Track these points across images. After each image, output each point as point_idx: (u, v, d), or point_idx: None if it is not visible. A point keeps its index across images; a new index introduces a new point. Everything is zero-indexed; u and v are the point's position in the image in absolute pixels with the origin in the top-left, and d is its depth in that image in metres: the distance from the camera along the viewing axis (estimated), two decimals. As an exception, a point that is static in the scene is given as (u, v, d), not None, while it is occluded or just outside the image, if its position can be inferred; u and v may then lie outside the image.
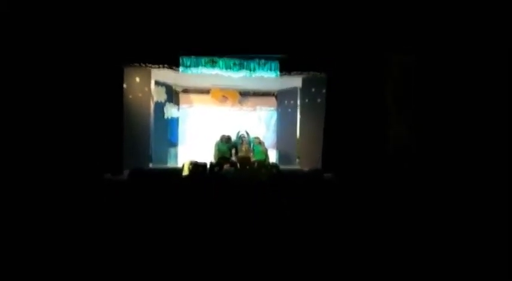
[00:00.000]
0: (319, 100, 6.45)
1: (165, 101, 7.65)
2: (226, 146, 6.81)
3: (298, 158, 7.30)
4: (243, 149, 6.84)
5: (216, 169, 5.84)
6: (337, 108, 5.81)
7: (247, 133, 7.22)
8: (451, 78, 3.85)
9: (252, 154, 6.78)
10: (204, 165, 5.50)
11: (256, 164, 6.17)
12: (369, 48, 5.35)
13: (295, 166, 7.16)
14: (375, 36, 4.79)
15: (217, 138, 6.92)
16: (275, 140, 8.32)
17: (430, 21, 3.92)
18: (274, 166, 5.78)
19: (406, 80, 4.95)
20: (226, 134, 7.00)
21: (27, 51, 4.38)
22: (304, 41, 5.30)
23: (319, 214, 3.43)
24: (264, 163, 6.34)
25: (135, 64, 5.67)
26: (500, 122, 3.23)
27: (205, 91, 8.23)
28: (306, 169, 6.26)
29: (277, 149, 8.17)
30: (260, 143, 6.99)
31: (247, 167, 6.08)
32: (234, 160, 6.65)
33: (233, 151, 6.88)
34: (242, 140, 7.02)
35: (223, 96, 8.24)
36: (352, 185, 4.42)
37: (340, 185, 4.56)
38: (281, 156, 7.98)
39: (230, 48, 5.52)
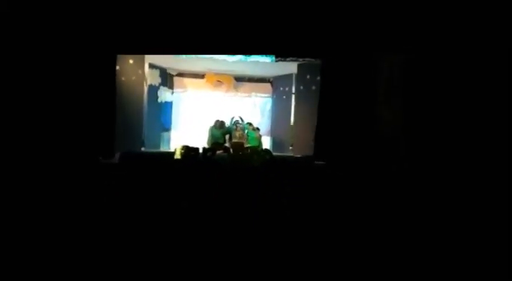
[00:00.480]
0: (313, 87, 6.42)
1: (159, 85, 7.54)
2: (220, 131, 6.79)
3: (292, 145, 7.33)
4: (237, 135, 6.83)
5: (208, 154, 5.85)
6: (331, 96, 5.80)
7: (242, 119, 7.20)
8: (444, 68, 3.85)
9: (245, 140, 6.78)
10: (197, 149, 5.50)
11: (249, 150, 6.18)
12: (364, 37, 5.29)
13: (289, 153, 7.20)
14: (370, 26, 4.74)
15: (211, 124, 6.89)
16: (269, 126, 8.31)
17: (423, 16, 3.88)
18: (267, 152, 5.79)
19: (397, 71, 4.95)
20: (220, 119, 6.97)
21: (19, 37, 4.26)
22: (300, 26, 5.20)
23: (309, 201, 3.48)
24: (257, 149, 6.36)
25: (128, 46, 5.53)
26: (492, 115, 3.26)
27: (199, 75, 8.12)
28: (298, 155, 6.29)
29: (271, 136, 8.18)
30: (254, 129, 6.98)
31: (240, 153, 6.09)
32: (228, 145, 6.66)
33: (227, 137, 6.87)
34: (236, 126, 7.00)
35: (218, 81, 8.14)
36: (342, 173, 4.47)
37: (331, 173, 4.62)
38: (275, 143, 8.00)
39: (226, 42, 5.42)
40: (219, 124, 6.84)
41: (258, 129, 7.14)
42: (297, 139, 6.99)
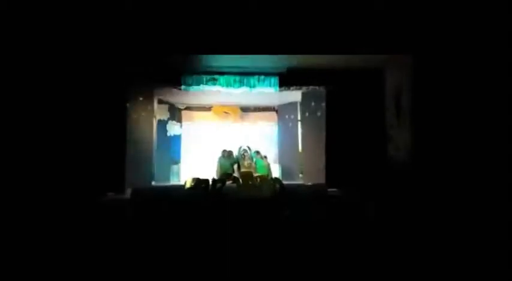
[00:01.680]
0: (319, 114, 6.48)
1: (168, 119, 7.74)
2: (228, 161, 6.81)
3: (301, 172, 7.26)
4: (245, 164, 6.82)
5: (218, 185, 5.82)
6: (338, 122, 5.84)
7: (249, 148, 7.23)
8: (450, 89, 3.86)
9: (254, 169, 6.76)
10: (207, 181, 5.49)
11: (258, 179, 6.14)
12: (366, 61, 5.42)
13: (299, 181, 7.11)
14: (372, 49, 4.85)
15: (219, 154, 6.93)
16: (277, 154, 8.32)
17: (428, 30, 3.94)
18: (277, 181, 5.74)
19: (404, 92, 4.98)
20: (228, 149, 7.02)
21: (34, 68, 4.42)
22: (302, 56, 5.39)
23: (325, 231, 3.38)
24: (267, 178, 6.31)
25: (139, 84, 5.79)
26: (505, 142, 3.22)
27: (207, 108, 8.33)
28: (309, 183, 6.21)
29: (279, 163, 8.15)
30: (262, 157, 6.98)
31: (250, 182, 6.05)
32: (237, 175, 6.63)
33: (235, 167, 6.86)
34: (244, 155, 7.02)
35: (225, 112, 8.32)
36: (356, 200, 4.37)
37: (345, 200, 4.52)
38: (284, 170, 7.95)
39: (230, 66, 5.63)
40: (227, 154, 6.87)
41: (265, 157, 7.14)
42: (307, 166, 6.95)
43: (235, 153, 7.10)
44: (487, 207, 3.15)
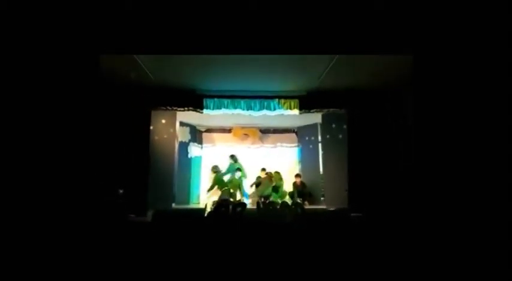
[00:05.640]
0: (340, 136, 6.38)
1: (189, 141, 7.89)
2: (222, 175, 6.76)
3: (323, 196, 7.07)
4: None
5: (238, 209, 5.75)
6: (360, 145, 5.71)
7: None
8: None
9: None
10: (227, 205, 5.44)
11: (279, 205, 6.03)
12: (386, 83, 5.35)
13: (321, 205, 6.91)
14: (388, 69, 4.77)
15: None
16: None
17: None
18: (298, 205, 5.61)
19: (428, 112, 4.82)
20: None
21: (54, 93, 4.51)
22: (323, 78, 5.41)
23: (347, 256, 3.25)
24: (287, 202, 6.19)
25: (162, 108, 6.01)
26: None
27: (227, 130, 8.45)
28: (331, 208, 6.01)
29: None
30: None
31: (271, 207, 5.94)
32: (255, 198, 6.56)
33: (253, 188, 6.81)
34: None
35: (245, 134, 8.39)
36: (381, 226, 4.16)
37: (369, 226, 4.31)
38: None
39: (251, 90, 5.73)
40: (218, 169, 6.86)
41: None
42: (328, 190, 6.75)
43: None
44: (494, 212, 2.93)
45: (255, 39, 3.88)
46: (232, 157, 7.30)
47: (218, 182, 6.78)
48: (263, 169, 7.49)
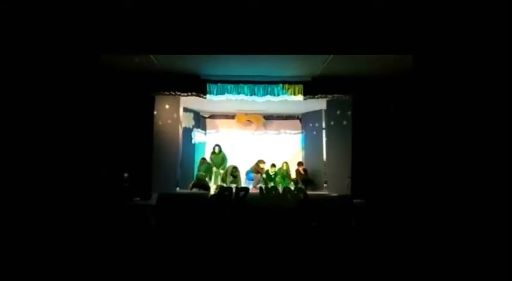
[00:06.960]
0: (345, 122, 6.33)
1: (193, 127, 7.90)
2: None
3: (326, 182, 7.09)
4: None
5: (241, 193, 5.80)
6: (364, 131, 5.67)
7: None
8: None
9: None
10: (230, 189, 5.49)
11: (282, 189, 6.06)
12: (391, 69, 5.25)
13: (323, 191, 6.95)
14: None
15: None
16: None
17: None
18: (300, 190, 5.63)
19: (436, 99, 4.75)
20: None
21: (62, 83, 4.52)
22: (328, 64, 5.31)
23: (348, 242, 3.28)
24: (290, 188, 6.23)
25: (166, 93, 5.99)
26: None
27: (230, 116, 8.43)
28: (334, 194, 6.04)
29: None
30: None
31: (273, 192, 5.98)
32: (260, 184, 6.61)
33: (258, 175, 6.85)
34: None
35: (248, 120, 8.37)
36: (383, 212, 4.19)
37: (371, 212, 4.34)
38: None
39: (255, 75, 5.65)
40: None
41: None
42: (331, 176, 6.77)
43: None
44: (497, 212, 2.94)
45: (255, 39, 3.84)
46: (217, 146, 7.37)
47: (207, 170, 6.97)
48: (262, 161, 7.46)
